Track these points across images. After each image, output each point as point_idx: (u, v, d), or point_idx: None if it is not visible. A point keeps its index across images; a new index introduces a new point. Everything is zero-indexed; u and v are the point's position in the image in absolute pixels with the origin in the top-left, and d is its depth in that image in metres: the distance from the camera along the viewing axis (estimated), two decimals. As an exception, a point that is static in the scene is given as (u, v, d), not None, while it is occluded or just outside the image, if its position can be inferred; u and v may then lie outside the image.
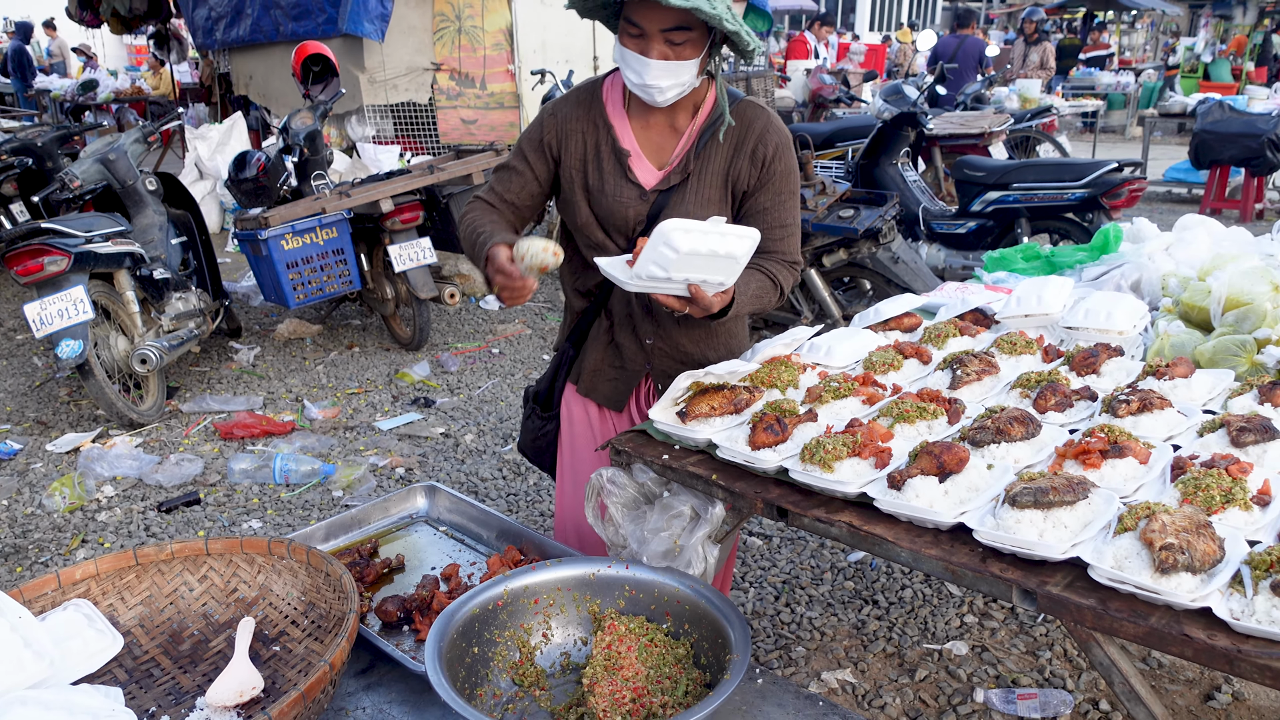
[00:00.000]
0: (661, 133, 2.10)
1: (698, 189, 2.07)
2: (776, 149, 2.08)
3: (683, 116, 2.08)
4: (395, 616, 1.90)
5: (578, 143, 2.10)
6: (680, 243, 1.72)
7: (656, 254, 1.76)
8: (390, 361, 5.98)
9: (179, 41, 13.23)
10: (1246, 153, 8.71)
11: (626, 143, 2.09)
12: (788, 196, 2.12)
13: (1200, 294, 2.30)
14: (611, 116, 2.10)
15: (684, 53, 1.90)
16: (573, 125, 2.10)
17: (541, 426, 2.41)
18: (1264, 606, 1.26)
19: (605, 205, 2.09)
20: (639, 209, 2.08)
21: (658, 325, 2.19)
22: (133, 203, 5.40)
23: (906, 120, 6.59)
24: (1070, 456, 1.65)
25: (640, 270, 1.79)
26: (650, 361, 2.23)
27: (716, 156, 2.07)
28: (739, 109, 2.09)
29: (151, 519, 4.08)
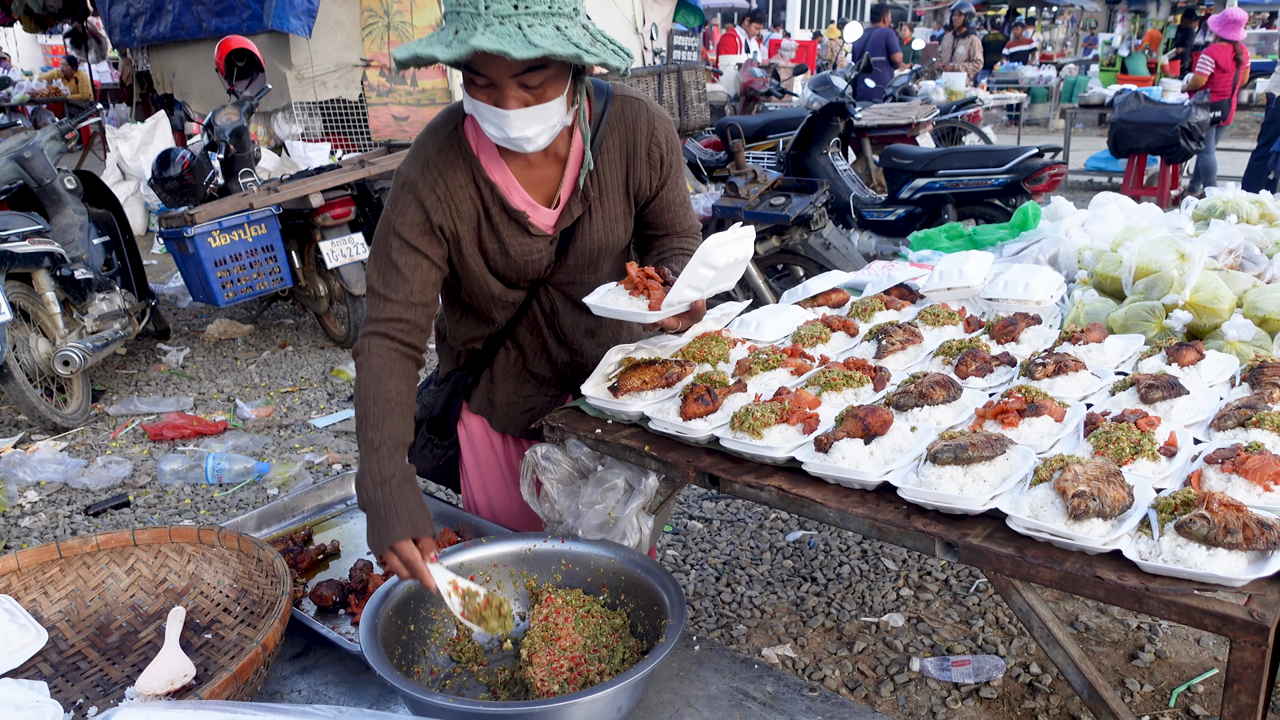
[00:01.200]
0: (545, 167, 1.87)
1: (601, 212, 1.92)
2: (667, 139, 1.94)
3: (560, 144, 1.84)
4: (331, 601, 1.88)
5: (468, 210, 1.84)
6: (718, 258, 1.68)
7: (695, 276, 1.69)
8: (325, 359, 5.90)
9: (97, 40, 12.86)
10: (1162, 141, 9.02)
11: (517, 201, 1.86)
12: (679, 174, 2.01)
13: (1113, 264, 2.38)
14: (490, 172, 1.83)
15: (544, 94, 1.64)
16: (458, 192, 1.82)
17: (442, 454, 2.26)
18: (1169, 547, 1.32)
19: (510, 265, 1.91)
20: (548, 254, 1.93)
21: (573, 347, 2.09)
22: (51, 202, 5.24)
23: (835, 111, 6.69)
24: (990, 417, 1.71)
25: (675, 297, 1.71)
26: (569, 380, 2.13)
27: (609, 171, 1.90)
28: (618, 110, 1.89)
29: (79, 523, 3.97)
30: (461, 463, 2.26)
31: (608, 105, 1.88)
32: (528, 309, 2.04)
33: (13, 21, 12.45)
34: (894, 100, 9.16)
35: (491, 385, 2.14)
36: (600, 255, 1.97)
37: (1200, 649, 2.95)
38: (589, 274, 1.98)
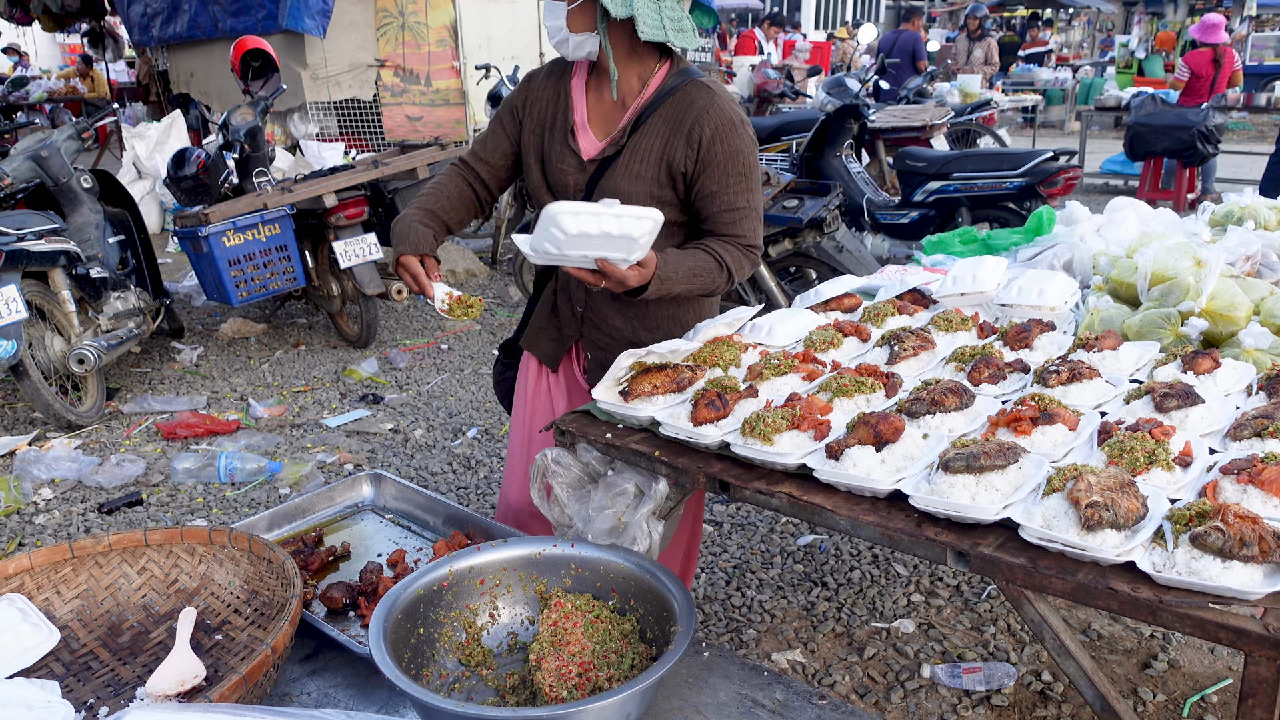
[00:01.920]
0: (613, 106, 2.17)
1: (629, 164, 2.11)
2: (716, 130, 2.06)
3: (631, 92, 2.15)
4: (341, 603, 1.89)
5: (541, 109, 2.22)
6: (568, 225, 1.78)
7: (547, 234, 1.82)
8: (337, 359, 5.91)
9: (114, 39, 12.93)
10: (1178, 144, 8.96)
11: (578, 113, 2.18)
12: (737, 179, 2.09)
13: (1128, 270, 2.37)
14: (573, 89, 2.20)
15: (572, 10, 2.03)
16: (540, 93, 2.23)
17: (503, 371, 2.59)
18: (1183, 559, 1.31)
19: (551, 170, 2.20)
20: (578, 178, 2.17)
21: (589, 295, 2.26)
22: (67, 201, 5.27)
23: (849, 113, 6.67)
24: (1002, 424, 1.69)
25: (535, 245, 1.85)
26: (581, 330, 2.31)
27: (652, 134, 2.10)
28: (685, 89, 2.10)
29: (92, 520, 3.99)
30: (516, 383, 2.55)
31: (682, 84, 2.12)
32: None
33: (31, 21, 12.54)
34: (908, 103, 9.13)
35: (536, 309, 2.41)
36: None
37: (1214, 658, 2.93)
38: None
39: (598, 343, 2.29)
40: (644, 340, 2.23)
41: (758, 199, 2.16)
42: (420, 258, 2.16)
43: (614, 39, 2.06)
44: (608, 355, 2.20)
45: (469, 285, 7.62)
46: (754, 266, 2.20)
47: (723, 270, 2.11)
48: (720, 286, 2.15)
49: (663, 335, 2.26)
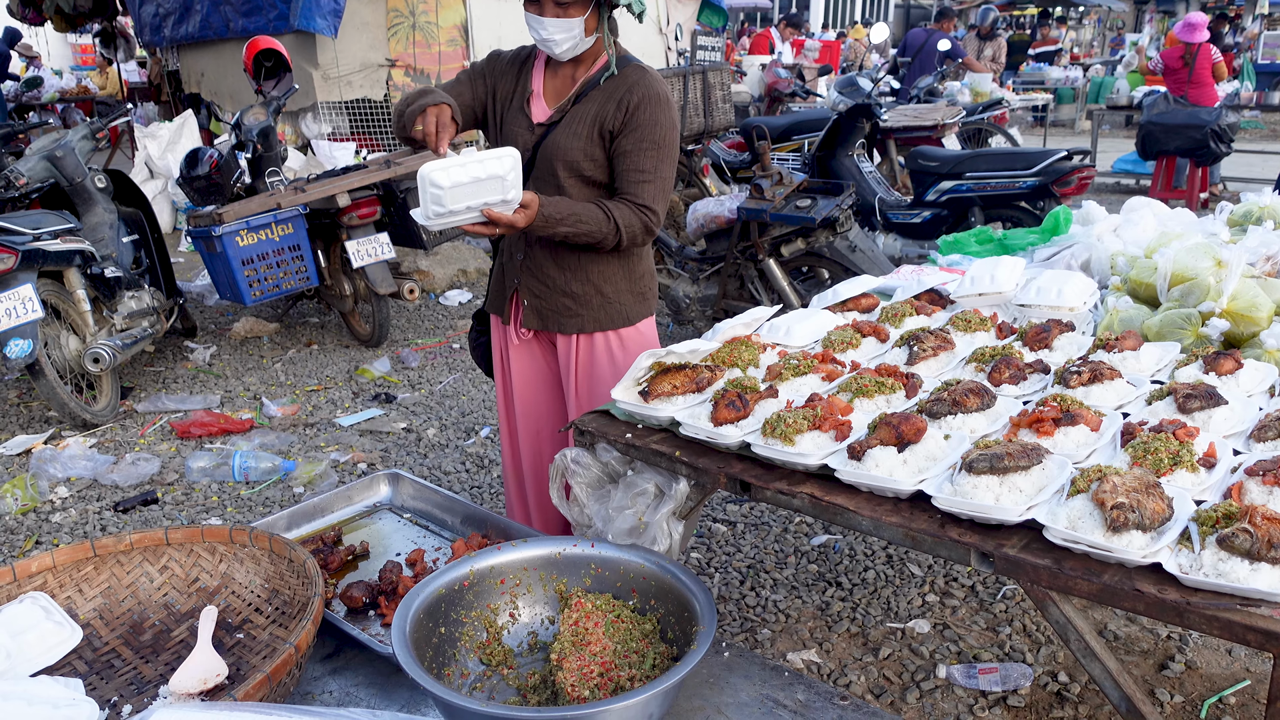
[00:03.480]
0: (563, 82, 2.44)
1: (570, 126, 2.36)
2: (642, 99, 2.33)
3: (581, 71, 2.42)
4: (361, 602, 1.89)
5: (505, 84, 2.48)
6: (440, 179, 1.94)
7: (428, 195, 1.97)
8: (350, 358, 5.93)
9: (126, 39, 12.97)
10: (1191, 143, 8.92)
11: (535, 84, 2.45)
12: (650, 146, 2.33)
13: (1147, 271, 2.36)
14: (534, 69, 2.48)
15: (570, 12, 2.25)
16: (505, 68, 2.50)
17: (477, 338, 2.85)
18: (1210, 560, 1.31)
19: (505, 134, 2.45)
20: (527, 139, 2.41)
21: (528, 244, 2.48)
22: (81, 200, 5.30)
23: (861, 112, 6.66)
24: (1024, 425, 1.69)
25: (424, 212, 2.00)
26: (519, 277, 2.52)
27: (592, 103, 2.37)
28: (625, 69, 2.39)
29: (108, 519, 4.01)
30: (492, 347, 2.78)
31: (622, 66, 2.39)
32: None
33: (44, 21, 12.58)
34: (919, 102, 9.10)
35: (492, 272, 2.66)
36: (558, 162, 2.36)
37: (1232, 660, 2.91)
38: (551, 177, 2.39)
39: (533, 290, 2.50)
40: (574, 293, 2.46)
41: (666, 172, 2.37)
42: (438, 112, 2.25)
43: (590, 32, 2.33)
44: (542, 303, 2.50)
45: (479, 285, 7.62)
46: (648, 234, 2.37)
47: (609, 222, 2.30)
48: (609, 240, 2.33)
49: (593, 288, 2.47)
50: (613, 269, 2.49)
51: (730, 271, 5.49)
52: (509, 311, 2.60)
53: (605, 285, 2.48)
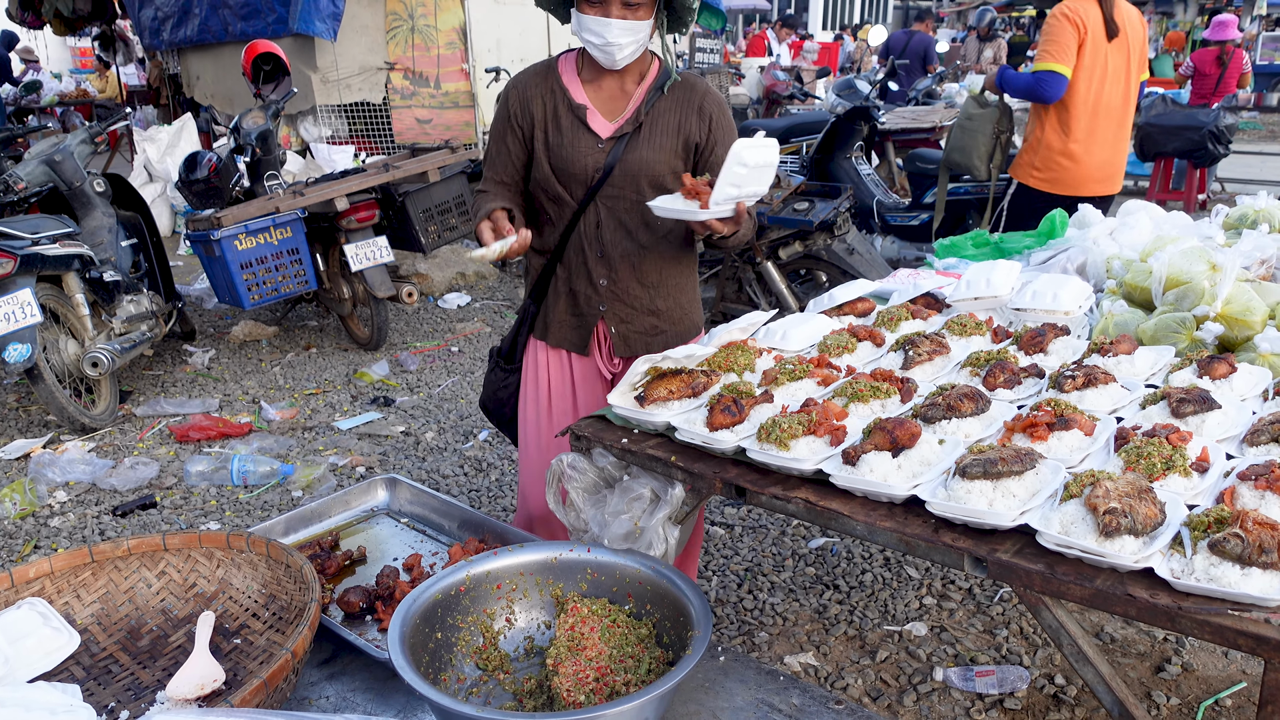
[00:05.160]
0: (613, 94, 2.34)
1: (650, 136, 2.29)
2: (719, 107, 2.35)
3: (630, 82, 2.33)
4: (358, 607, 1.89)
5: (539, 107, 2.33)
6: (748, 158, 1.96)
7: (731, 174, 1.97)
8: (348, 362, 5.93)
9: (125, 43, 12.99)
10: (1189, 145, 8.93)
11: (581, 99, 2.32)
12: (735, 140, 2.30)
13: (1142, 274, 2.37)
14: (567, 82, 2.34)
15: (639, 14, 2.16)
16: (532, 92, 2.34)
17: (504, 379, 2.60)
18: (1202, 565, 1.31)
19: (563, 156, 2.31)
20: (596, 157, 2.30)
21: (610, 268, 2.37)
22: (80, 204, 5.30)
23: (859, 115, 6.66)
24: (1018, 430, 1.70)
25: (719, 195, 1.99)
26: (604, 303, 2.40)
27: (666, 112, 2.31)
28: (684, 78, 2.36)
29: (106, 523, 4.01)
30: (522, 391, 2.58)
31: (672, 75, 2.35)
32: (578, 222, 2.35)
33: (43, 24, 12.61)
34: (917, 104, 9.12)
35: (547, 309, 2.48)
36: (642, 174, 2.29)
37: (1228, 662, 2.92)
38: (633, 193, 2.30)
39: (620, 315, 2.41)
40: (659, 310, 2.42)
41: None
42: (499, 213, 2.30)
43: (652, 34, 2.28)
44: (629, 327, 2.42)
45: (478, 288, 7.63)
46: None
47: (753, 220, 2.35)
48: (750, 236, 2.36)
49: (672, 304, 2.44)
50: (686, 278, 2.48)
51: (728, 275, 5.50)
52: (593, 344, 2.46)
53: (682, 296, 2.46)
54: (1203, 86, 10.28)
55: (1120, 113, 4.39)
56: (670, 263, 2.40)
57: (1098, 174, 4.39)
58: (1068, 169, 4.38)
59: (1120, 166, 4.47)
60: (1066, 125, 4.35)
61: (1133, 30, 4.32)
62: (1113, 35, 4.24)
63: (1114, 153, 4.41)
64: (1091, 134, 4.32)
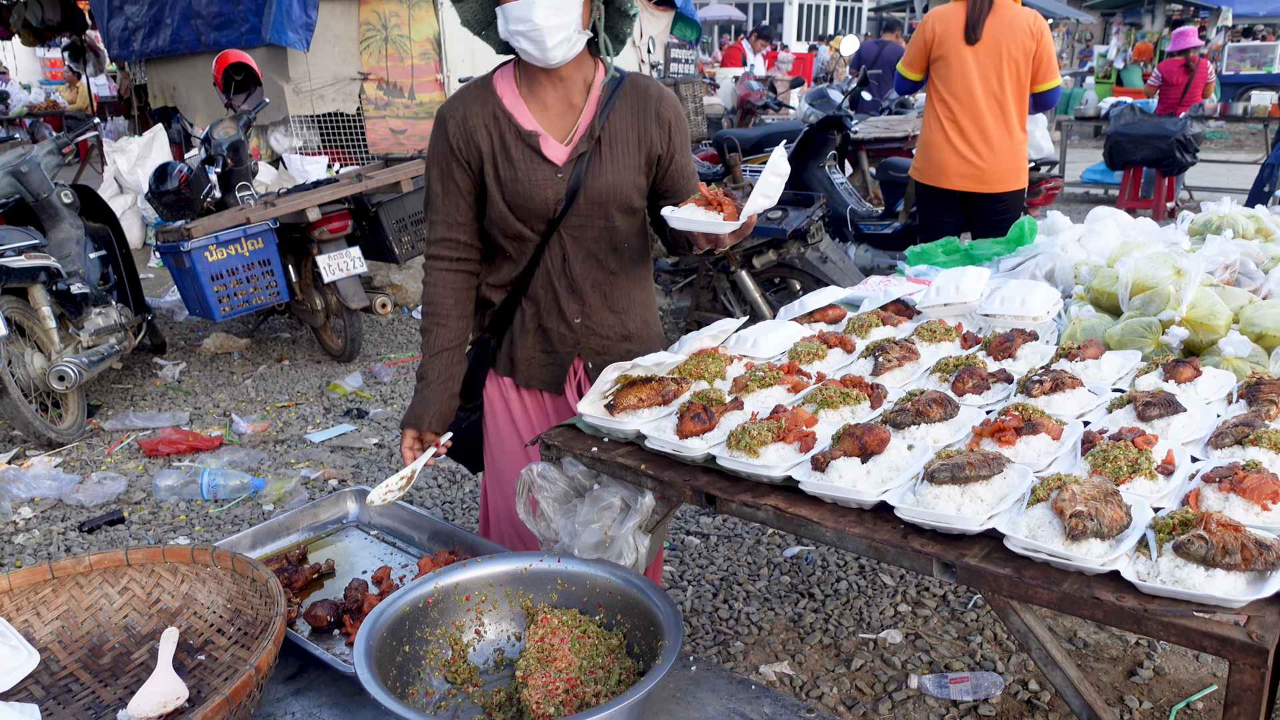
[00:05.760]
0: (561, 113, 2.13)
1: (611, 152, 2.12)
2: (674, 111, 2.18)
3: (577, 94, 2.12)
4: (325, 621, 1.87)
5: (484, 138, 2.11)
6: (782, 167, 1.92)
7: (767, 184, 1.90)
8: (321, 373, 5.89)
9: (95, 53, 12.87)
10: (1157, 154, 9.06)
11: (529, 125, 2.10)
12: (688, 148, 2.24)
13: (1109, 280, 2.38)
14: (509, 105, 2.11)
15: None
16: (474, 122, 2.10)
17: (465, 418, 2.39)
18: (1167, 567, 1.32)
19: (519, 192, 2.10)
20: (556, 187, 2.10)
21: (583, 303, 2.22)
22: (47, 216, 5.23)
23: (832, 124, 6.70)
24: (987, 435, 1.70)
25: (753, 207, 1.91)
26: (580, 340, 2.25)
27: (623, 124, 2.13)
28: (631, 79, 2.16)
29: (72, 539, 3.95)
30: (484, 425, 2.40)
31: (624, 79, 2.16)
32: (542, 256, 2.18)
33: (11, 35, 12.47)
34: (890, 113, 9.18)
35: (512, 344, 2.29)
36: (609, 200, 2.13)
37: (1199, 665, 2.94)
38: (600, 219, 2.14)
39: (596, 348, 2.27)
40: (631, 333, 2.29)
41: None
42: (424, 435, 2.23)
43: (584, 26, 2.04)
44: (605, 358, 2.25)
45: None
46: None
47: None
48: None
49: (640, 324, 2.32)
50: (648, 293, 2.34)
51: (703, 283, 5.50)
52: (568, 381, 2.30)
53: (647, 313, 2.34)
54: (1170, 96, 10.50)
55: (990, 115, 4.62)
56: (635, 283, 2.27)
57: (962, 169, 4.71)
58: (932, 160, 4.81)
59: (998, 168, 4.68)
60: (932, 121, 4.79)
61: (1010, 37, 4.53)
62: (972, 40, 4.56)
63: (981, 153, 4.67)
64: (954, 130, 4.68)
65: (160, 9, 9.68)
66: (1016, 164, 4.73)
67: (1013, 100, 4.63)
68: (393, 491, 2.11)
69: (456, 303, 2.21)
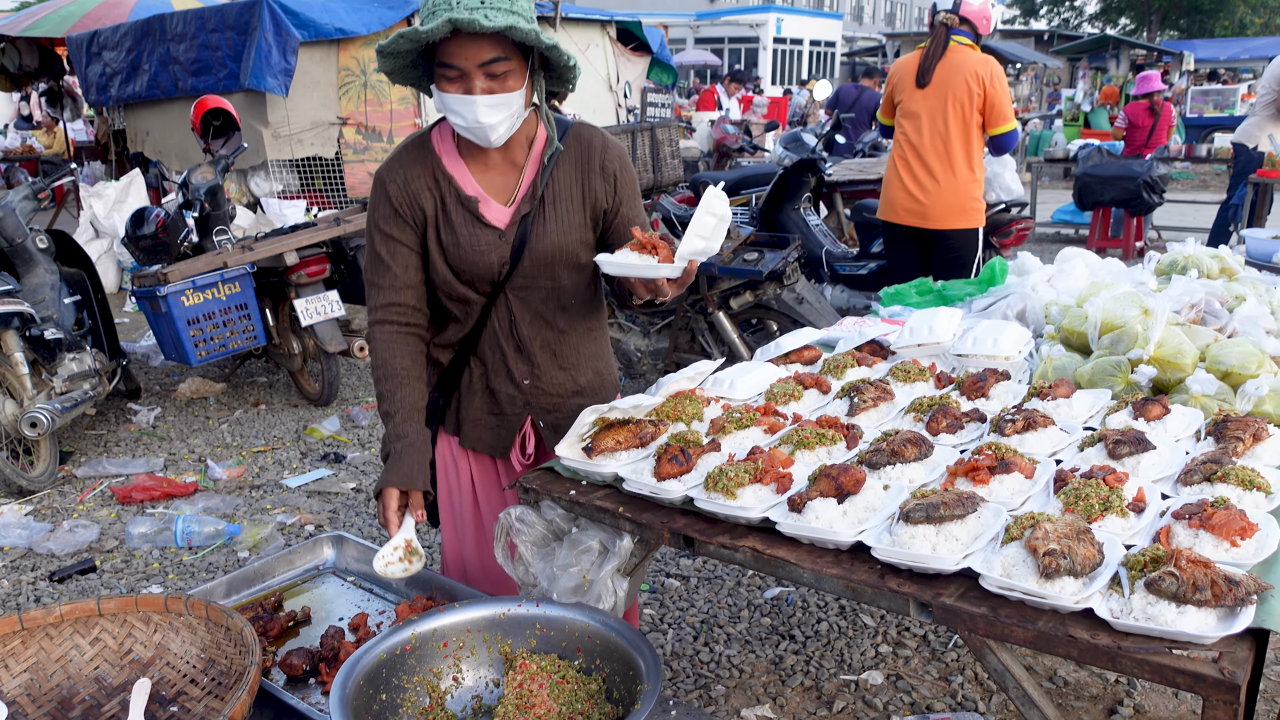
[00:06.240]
0: (503, 172, 2.07)
1: (555, 211, 2.05)
2: (620, 162, 2.11)
3: (519, 152, 2.07)
4: (301, 670, 1.85)
5: (427, 200, 2.05)
6: (717, 208, 1.84)
7: (701, 225, 1.83)
8: (298, 418, 5.85)
9: (72, 98, 12.89)
10: (1125, 194, 9.23)
11: (470, 189, 2.05)
12: (636, 198, 2.16)
13: (1079, 320, 2.42)
14: (450, 167, 2.05)
15: (507, 84, 1.88)
16: (416, 185, 2.05)
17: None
18: (1140, 604, 1.33)
19: (462, 258, 2.05)
20: (500, 250, 2.05)
21: (532, 363, 2.15)
22: (22, 261, 5.20)
23: (807, 167, 6.79)
24: (961, 474, 1.72)
25: (687, 249, 1.84)
26: (530, 402, 2.18)
27: (566, 180, 2.07)
28: (575, 131, 2.10)
29: (42, 589, 3.88)
30: (437, 483, 2.29)
31: (567, 130, 2.10)
32: (488, 317, 2.13)
33: (-12, 81, 12.47)
34: (864, 156, 9.33)
35: (459, 404, 2.22)
36: (555, 260, 2.07)
37: (1179, 702, 2.94)
38: (546, 280, 2.09)
39: (547, 407, 2.19)
40: (582, 388, 2.21)
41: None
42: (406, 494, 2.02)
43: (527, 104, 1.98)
44: (557, 416, 2.19)
45: (432, 341, 7.58)
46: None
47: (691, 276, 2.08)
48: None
49: (592, 371, 2.23)
50: (599, 344, 2.26)
51: (680, 325, 5.53)
52: (514, 444, 2.23)
53: (599, 363, 2.25)
54: (1136, 138, 10.75)
55: (934, 153, 4.84)
56: (585, 336, 2.19)
57: (909, 204, 4.94)
58: (885, 197, 5.13)
59: (940, 205, 4.87)
60: (890, 161, 5.09)
61: (956, 79, 4.74)
62: (922, 84, 4.82)
63: (927, 191, 4.88)
64: (902, 168, 4.95)
65: (139, 55, 9.73)
66: (961, 203, 4.88)
67: (958, 141, 4.79)
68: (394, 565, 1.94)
69: (413, 364, 2.10)
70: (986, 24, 4.93)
